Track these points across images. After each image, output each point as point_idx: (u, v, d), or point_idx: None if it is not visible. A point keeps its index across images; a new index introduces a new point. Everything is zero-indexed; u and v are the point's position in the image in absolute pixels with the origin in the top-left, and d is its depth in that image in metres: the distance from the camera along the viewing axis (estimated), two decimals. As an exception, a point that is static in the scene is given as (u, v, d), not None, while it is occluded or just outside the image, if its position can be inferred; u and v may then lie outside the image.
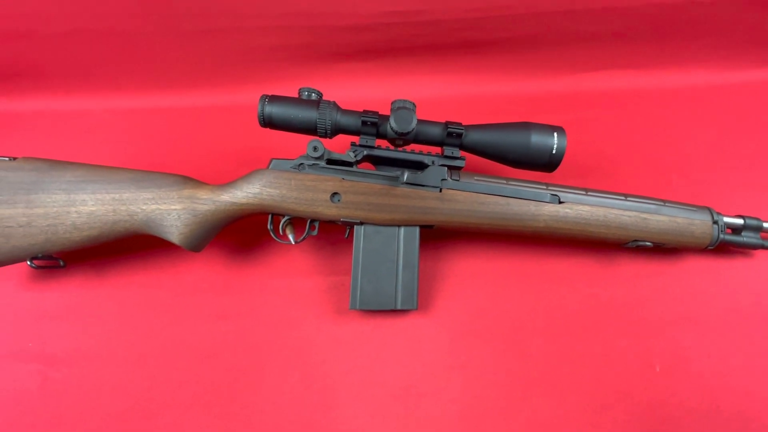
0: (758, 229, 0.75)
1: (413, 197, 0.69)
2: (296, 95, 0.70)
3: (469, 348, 0.69)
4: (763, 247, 0.75)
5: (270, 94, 0.69)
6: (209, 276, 0.74)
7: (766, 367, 0.68)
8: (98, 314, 0.71)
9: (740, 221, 0.75)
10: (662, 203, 0.73)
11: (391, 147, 0.71)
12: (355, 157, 0.70)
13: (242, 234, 0.78)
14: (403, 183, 0.69)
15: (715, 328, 0.72)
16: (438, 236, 0.77)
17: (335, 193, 0.68)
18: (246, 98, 0.90)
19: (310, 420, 0.63)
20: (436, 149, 0.72)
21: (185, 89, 0.96)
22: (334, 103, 0.69)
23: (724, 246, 0.76)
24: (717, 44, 1.00)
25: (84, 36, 0.87)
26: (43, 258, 0.67)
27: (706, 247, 0.73)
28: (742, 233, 0.75)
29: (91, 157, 0.75)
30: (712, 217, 0.73)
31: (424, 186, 0.69)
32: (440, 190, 0.69)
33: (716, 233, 0.72)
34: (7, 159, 0.67)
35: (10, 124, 0.92)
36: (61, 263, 0.71)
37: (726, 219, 0.74)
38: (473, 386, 0.67)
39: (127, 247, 0.76)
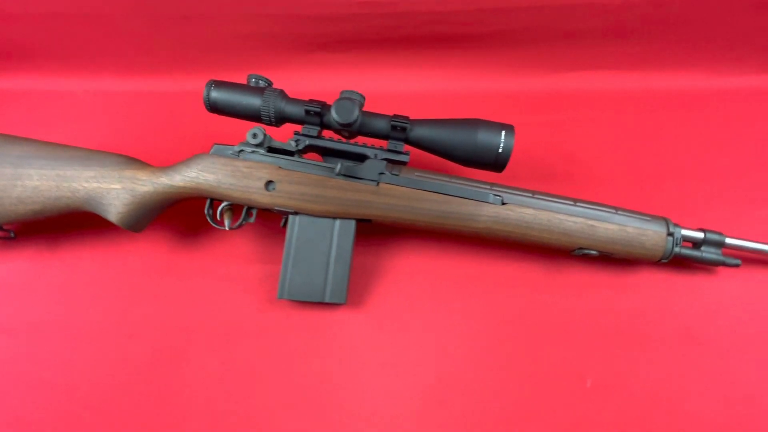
0: (719, 244, 0.70)
1: (348, 189, 0.67)
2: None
3: (396, 347, 0.68)
4: (723, 264, 0.70)
5: (217, 80, 0.69)
6: (153, 256, 0.76)
7: (708, 394, 0.64)
8: (44, 288, 0.73)
9: (700, 235, 0.70)
10: (614, 211, 0.69)
11: (339, 138, 0.70)
12: (296, 146, 0.69)
13: (190, 216, 0.78)
14: (338, 175, 0.68)
15: (658, 348, 0.68)
16: (382, 231, 0.76)
17: (270, 182, 0.68)
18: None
19: (226, 406, 0.64)
20: (383, 143, 0.71)
21: (157, 73, 0.97)
22: (281, 92, 0.69)
23: (683, 261, 0.72)
24: (705, 48, 0.94)
25: (61, 18, 0.89)
26: (-8, 228, 0.70)
27: (659, 260, 0.69)
28: (702, 248, 0.70)
29: (54, 135, 0.77)
30: (668, 229, 0.69)
31: (360, 179, 0.68)
32: (377, 184, 0.68)
33: (670, 246, 0.68)
34: (-40, 132, 0.70)
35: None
36: (12, 234, 0.74)
37: (684, 232, 0.70)
38: (394, 384, 0.65)
39: (80, 222, 0.78)
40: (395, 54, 0.96)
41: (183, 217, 0.78)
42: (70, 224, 0.77)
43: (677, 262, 0.73)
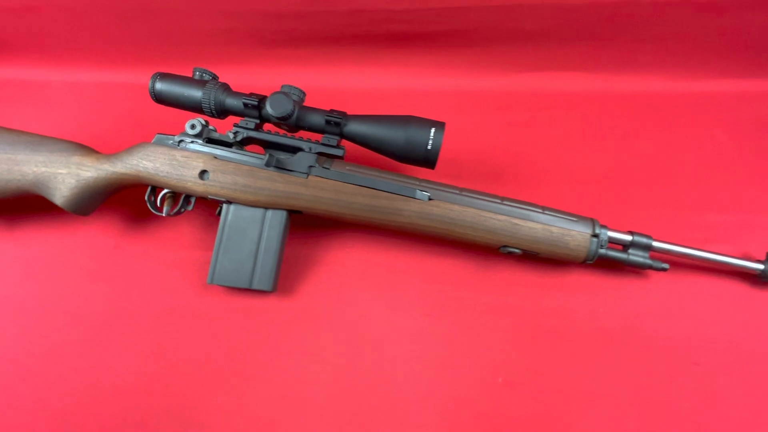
0: (647, 247, 0.70)
1: (278, 181, 0.70)
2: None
3: (320, 336, 0.70)
4: (650, 267, 0.69)
5: (163, 72, 0.72)
6: (103, 238, 0.79)
7: (620, 397, 0.65)
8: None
9: (628, 237, 0.70)
10: (541, 210, 0.70)
11: (284, 133, 0.73)
12: (234, 138, 0.72)
13: (143, 204, 0.82)
14: (270, 166, 0.70)
15: (578, 349, 0.68)
16: (321, 224, 0.78)
17: (204, 171, 0.70)
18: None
19: (149, 385, 0.67)
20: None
21: (122, 65, 1.00)
22: (223, 85, 0.71)
23: (613, 263, 0.72)
24: (667, 51, 0.93)
25: (35, 10, 0.94)
26: (-50, 208, 0.75)
27: (584, 261, 0.69)
28: (629, 250, 0.70)
29: (33, 124, 0.81)
30: (593, 230, 0.69)
31: (291, 171, 0.70)
32: (307, 177, 0.70)
33: (594, 247, 0.68)
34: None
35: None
36: (-30, 214, 0.79)
37: (612, 234, 0.70)
38: (312, 371, 0.68)
39: (42, 204, 0.82)
40: (351, 52, 0.97)
41: (135, 202, 0.81)
42: (31, 206, 0.82)
43: (609, 264, 0.73)
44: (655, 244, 0.70)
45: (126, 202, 0.81)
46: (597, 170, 0.86)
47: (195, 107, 0.71)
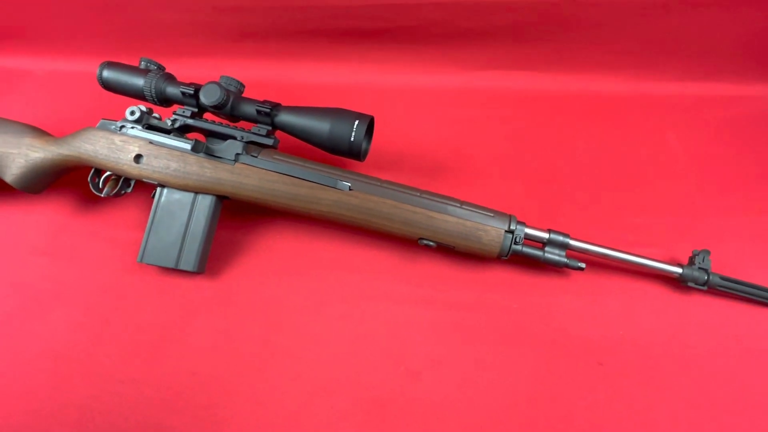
0: (564, 246, 0.70)
1: (206, 167, 0.73)
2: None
3: (238, 319, 0.73)
4: (566, 266, 0.69)
5: (110, 61, 0.77)
6: (53, 217, 0.83)
7: (516, 391, 0.65)
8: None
9: (545, 235, 0.70)
10: (459, 205, 0.70)
11: (217, 120, 0.76)
12: (172, 125, 0.76)
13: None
14: (199, 152, 0.73)
15: (483, 341, 0.69)
16: (258, 212, 0.81)
17: (139, 155, 0.74)
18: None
19: (76, 350, 0.71)
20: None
21: (82, 55, 1.06)
22: (166, 75, 0.75)
23: (537, 263, 0.72)
24: (619, 51, 0.92)
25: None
26: None
27: (499, 257, 0.70)
28: (546, 248, 0.70)
29: (24, 112, 0.87)
30: (509, 226, 0.69)
31: (220, 158, 0.73)
32: (234, 164, 0.73)
33: (507, 243, 0.69)
34: None
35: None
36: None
37: (528, 230, 0.70)
38: (226, 351, 0.70)
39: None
40: (306, 46, 1.00)
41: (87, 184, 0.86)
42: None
43: (530, 263, 0.73)
44: (572, 242, 0.70)
45: (78, 183, 0.86)
46: (533, 169, 0.87)
47: (138, 95, 0.75)
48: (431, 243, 0.70)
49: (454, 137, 0.92)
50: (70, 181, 0.85)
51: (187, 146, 0.74)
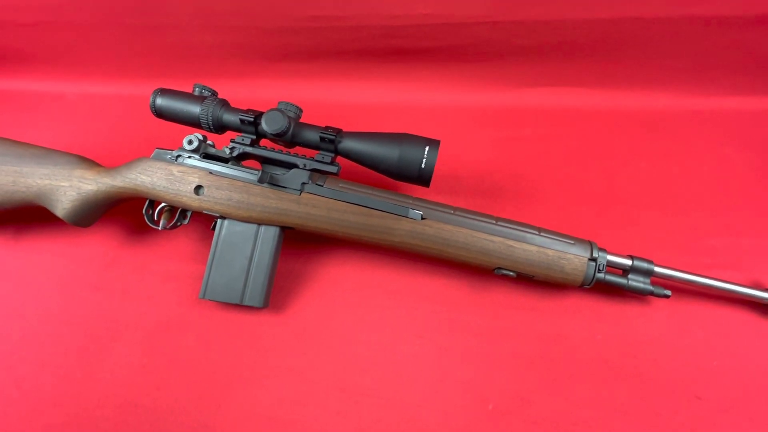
0: (648, 273, 0.67)
1: (271, 197, 0.70)
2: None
3: (308, 355, 0.69)
4: (651, 293, 0.67)
5: (164, 88, 0.74)
6: (103, 250, 0.81)
7: (615, 429, 0.62)
8: (5, 273, 0.80)
9: (628, 262, 0.68)
10: (537, 232, 0.68)
11: (280, 148, 0.73)
12: (231, 153, 0.73)
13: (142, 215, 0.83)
14: (264, 183, 0.70)
15: (572, 376, 0.66)
16: (313, 240, 0.78)
17: (200, 186, 0.71)
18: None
19: (140, 395, 0.67)
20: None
21: (127, 79, 1.04)
22: (221, 101, 0.72)
23: (614, 289, 0.69)
24: (673, 67, 0.90)
25: (40, 26, 0.97)
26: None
27: (581, 285, 0.67)
28: (629, 276, 0.68)
29: (25, 134, 0.84)
30: (591, 254, 0.67)
31: (285, 188, 0.70)
32: (300, 193, 0.70)
33: (591, 271, 0.66)
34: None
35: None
36: (-21, 224, 0.81)
37: (611, 257, 0.68)
38: (304, 390, 0.67)
39: (47, 216, 0.84)
40: (351, 66, 0.98)
41: (135, 215, 0.83)
42: (37, 216, 0.84)
43: (609, 289, 0.70)
44: (657, 269, 0.67)
45: (127, 214, 0.83)
46: (598, 190, 0.84)
47: (193, 122, 0.72)
48: (511, 273, 0.67)
49: (508, 157, 0.90)
50: (117, 213, 0.82)
51: (252, 176, 0.71)
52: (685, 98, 0.92)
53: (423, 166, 0.67)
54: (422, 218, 0.68)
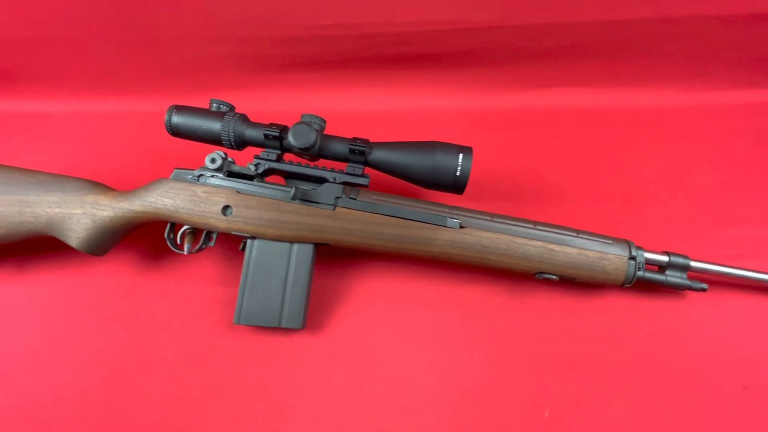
0: (684, 268, 0.68)
1: (304, 214, 0.67)
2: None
3: (352, 373, 0.67)
4: (689, 288, 0.68)
5: (178, 105, 0.70)
6: (118, 279, 0.76)
7: (668, 423, 0.62)
8: (8, 310, 0.74)
9: (665, 258, 0.69)
10: (575, 234, 0.68)
11: (306, 163, 0.71)
12: (256, 170, 0.70)
13: (156, 240, 0.79)
14: (295, 199, 0.68)
15: (621, 375, 0.66)
16: (344, 255, 0.76)
17: (227, 206, 0.68)
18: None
19: (181, 431, 0.63)
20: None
21: (125, 96, 0.98)
22: (242, 116, 0.69)
23: (650, 285, 0.70)
24: (676, 64, 0.93)
25: (32, 42, 0.91)
26: (-42, 253, 0.72)
27: (622, 285, 0.68)
28: (666, 272, 0.69)
29: (22, 158, 0.79)
30: (630, 252, 0.67)
31: (317, 203, 0.68)
32: (334, 208, 0.68)
33: (632, 270, 0.67)
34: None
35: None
36: (-21, 258, 0.75)
37: (648, 255, 0.68)
38: (354, 411, 0.65)
39: (48, 246, 0.78)
40: (364, 74, 0.96)
41: (149, 239, 0.78)
42: (38, 246, 0.78)
43: (643, 286, 0.71)
44: (693, 264, 0.68)
45: (140, 239, 0.78)
46: (616, 187, 0.85)
47: (213, 140, 0.69)
48: (553, 276, 0.67)
49: (526, 159, 0.90)
50: (129, 238, 0.77)
51: (282, 193, 0.68)
52: (693, 93, 0.95)
53: (458, 173, 0.65)
54: (460, 227, 0.67)
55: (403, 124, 0.96)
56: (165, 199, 0.68)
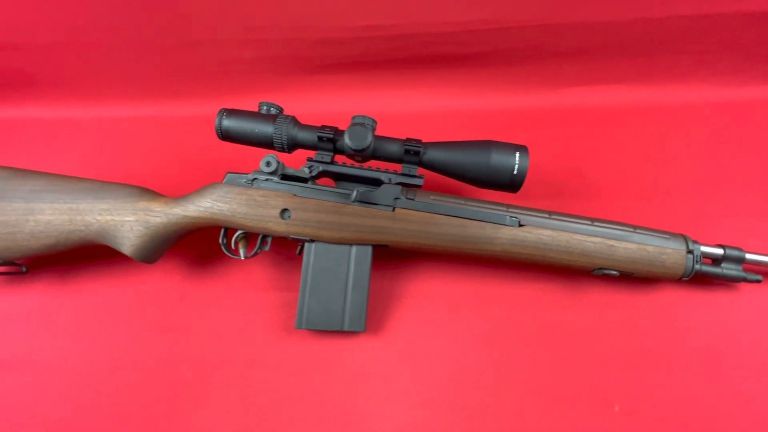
0: (739, 260, 0.69)
1: (364, 216, 0.67)
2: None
3: (416, 374, 0.67)
4: (744, 280, 0.69)
5: (229, 108, 0.69)
6: (167, 286, 0.75)
7: (736, 413, 0.63)
8: (56, 321, 0.72)
9: (720, 251, 0.69)
10: (633, 229, 0.68)
11: (352, 163, 0.70)
12: (310, 172, 0.69)
13: (204, 245, 0.78)
14: (354, 201, 0.67)
15: (686, 367, 0.66)
16: (399, 255, 0.75)
17: (285, 210, 0.67)
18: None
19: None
20: (397, 166, 0.71)
21: (162, 99, 0.97)
22: (293, 119, 0.68)
23: (702, 277, 0.71)
24: (710, 60, 0.94)
25: (62, 48, 0.89)
26: (4, 264, 0.69)
27: (680, 278, 0.68)
28: (722, 264, 0.69)
29: (63, 164, 0.77)
30: (687, 246, 0.68)
31: (376, 204, 0.68)
32: (393, 209, 0.67)
33: (691, 264, 0.67)
34: (-29, 167, 0.69)
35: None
36: (24, 269, 0.73)
37: (704, 248, 0.69)
38: (418, 414, 0.64)
39: (92, 254, 0.77)
40: (401, 75, 0.96)
41: (195, 245, 0.77)
42: (81, 256, 0.76)
43: (696, 278, 0.72)
44: (748, 256, 0.69)
45: (184, 246, 0.77)
46: (651, 182, 0.86)
47: (265, 143, 0.68)
48: (614, 272, 0.67)
49: (563, 156, 0.90)
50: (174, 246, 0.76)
51: (341, 196, 0.67)
52: (723, 89, 0.96)
53: (515, 172, 0.65)
54: (520, 225, 0.68)
55: (439, 124, 0.96)
56: (220, 203, 0.67)
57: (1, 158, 0.74)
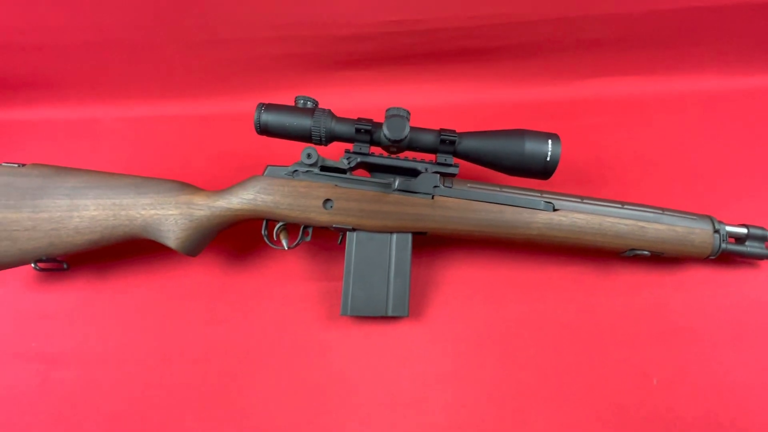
0: (763, 238, 0.73)
1: (405, 204, 0.69)
2: (293, 104, 0.71)
3: (460, 357, 0.69)
4: (767, 257, 0.72)
5: (267, 103, 0.71)
6: (206, 280, 0.76)
7: (764, 382, 0.66)
8: (99, 316, 0.73)
9: (744, 230, 0.73)
10: (661, 212, 0.71)
11: (385, 154, 0.72)
12: (348, 164, 0.71)
13: (241, 238, 0.79)
14: (395, 190, 0.69)
15: (715, 341, 0.70)
16: (433, 243, 0.77)
17: (328, 200, 0.69)
18: (250, 106, 0.90)
19: (298, 427, 0.64)
20: (431, 156, 0.73)
21: (191, 97, 0.98)
22: (329, 111, 0.70)
23: (727, 256, 0.74)
24: (724, 50, 0.97)
25: (93, 48, 0.90)
26: (47, 260, 0.70)
27: (708, 257, 0.71)
28: (746, 243, 0.73)
29: (98, 163, 0.78)
30: (714, 226, 0.71)
31: (416, 193, 0.70)
32: (432, 197, 0.69)
33: (717, 243, 0.71)
34: (15, 165, 0.70)
35: (23, 132, 0.96)
36: (65, 266, 0.73)
37: (728, 228, 0.72)
38: (464, 396, 0.66)
39: (129, 250, 0.77)
40: (423, 69, 0.98)
41: (233, 238, 0.79)
42: (119, 252, 0.77)
43: (721, 258, 0.75)
44: (771, 234, 0.73)
45: (221, 239, 0.78)
46: (670, 168, 0.89)
47: (303, 136, 0.70)
48: (645, 252, 0.70)
49: (586, 146, 0.93)
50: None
51: (382, 185, 0.69)
52: (735, 78, 1.00)
53: (548, 159, 0.68)
54: (554, 209, 0.70)
55: (461, 117, 0.98)
56: (264, 195, 0.69)
57: (40, 158, 0.74)
